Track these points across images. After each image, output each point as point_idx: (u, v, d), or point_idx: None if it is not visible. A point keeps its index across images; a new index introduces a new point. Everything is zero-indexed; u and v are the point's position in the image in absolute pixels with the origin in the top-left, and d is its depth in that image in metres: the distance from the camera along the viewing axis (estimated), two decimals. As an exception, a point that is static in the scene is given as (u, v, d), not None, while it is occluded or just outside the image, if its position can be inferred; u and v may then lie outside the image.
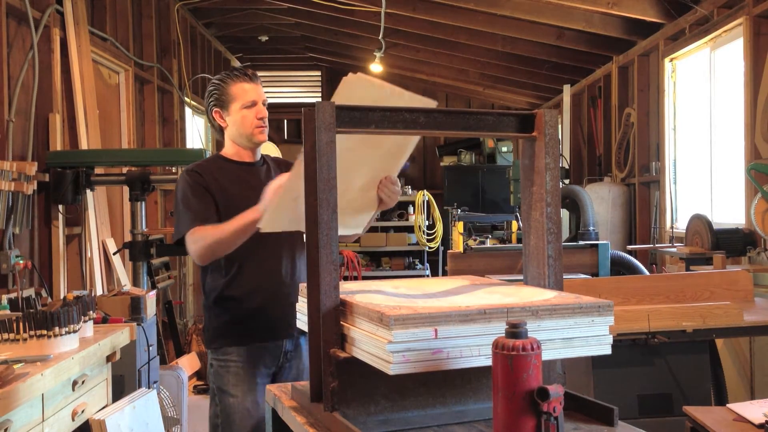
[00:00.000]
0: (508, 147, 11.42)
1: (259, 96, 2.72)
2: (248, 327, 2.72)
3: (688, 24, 6.36)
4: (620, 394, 3.22)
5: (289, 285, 2.74)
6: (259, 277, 2.71)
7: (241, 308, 2.72)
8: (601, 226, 7.49)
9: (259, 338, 2.73)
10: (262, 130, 2.74)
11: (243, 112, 2.70)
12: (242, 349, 2.73)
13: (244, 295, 2.72)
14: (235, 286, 2.72)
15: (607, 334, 1.72)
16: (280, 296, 2.72)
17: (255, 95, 2.71)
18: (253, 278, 2.71)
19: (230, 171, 2.75)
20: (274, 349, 2.75)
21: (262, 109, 2.73)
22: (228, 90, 2.71)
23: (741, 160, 5.42)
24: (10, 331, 2.74)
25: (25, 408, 2.51)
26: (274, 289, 2.72)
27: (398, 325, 1.56)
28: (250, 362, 2.73)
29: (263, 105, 2.74)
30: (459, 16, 7.81)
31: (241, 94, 2.70)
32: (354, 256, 9.38)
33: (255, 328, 2.73)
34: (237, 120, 2.72)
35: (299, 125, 12.30)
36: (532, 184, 1.98)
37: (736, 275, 3.89)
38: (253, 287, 2.71)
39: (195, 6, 8.43)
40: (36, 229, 4.61)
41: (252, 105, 2.70)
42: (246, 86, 2.71)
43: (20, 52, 4.53)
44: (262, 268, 2.71)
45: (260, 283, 2.71)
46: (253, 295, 2.71)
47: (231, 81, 2.72)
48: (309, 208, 1.82)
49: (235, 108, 2.71)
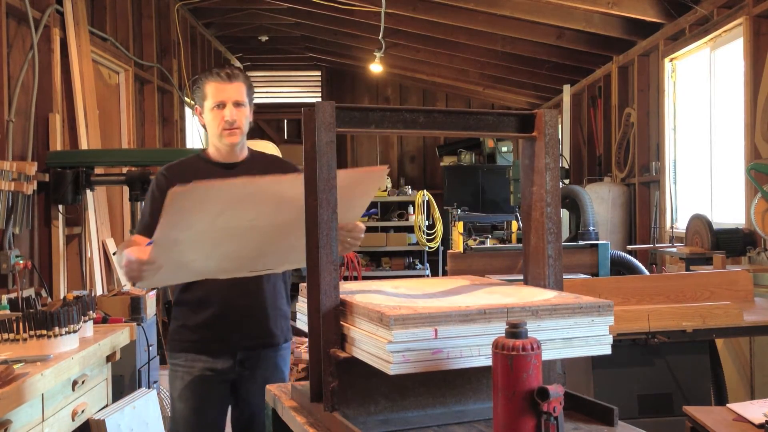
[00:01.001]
0: (508, 147, 11.42)
1: (230, 97, 2.60)
2: (198, 335, 2.66)
3: (688, 24, 6.36)
4: (620, 394, 3.22)
5: (252, 295, 2.65)
6: (214, 284, 2.56)
7: (192, 315, 2.66)
8: (601, 226, 7.48)
9: (207, 347, 2.66)
10: (230, 133, 2.62)
11: (213, 112, 2.62)
12: (191, 357, 2.67)
13: (197, 302, 2.65)
14: (190, 291, 2.65)
15: (607, 334, 1.72)
16: (237, 306, 2.63)
17: (225, 96, 2.60)
18: (209, 285, 2.58)
19: (204, 172, 2.61)
20: (226, 359, 2.67)
21: (231, 111, 2.60)
22: (203, 88, 2.64)
23: (741, 160, 5.42)
24: (10, 331, 2.74)
25: (25, 408, 2.51)
26: (231, 298, 2.62)
27: (398, 325, 1.56)
28: (197, 370, 2.66)
29: (236, 106, 2.61)
30: (459, 16, 7.81)
31: (211, 93, 2.61)
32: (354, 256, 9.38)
33: (204, 337, 2.65)
34: (208, 120, 2.64)
35: (299, 125, 12.30)
36: (532, 184, 1.98)
37: (736, 275, 3.89)
38: (207, 294, 2.62)
39: (195, 6, 8.43)
40: (36, 229, 4.61)
41: (220, 106, 2.60)
42: (218, 86, 2.60)
43: (20, 52, 4.53)
44: (230, 281, 2.56)
45: (215, 290, 2.60)
46: (205, 302, 2.63)
47: (206, 79, 2.64)
48: (309, 208, 1.82)
49: (207, 107, 2.63)
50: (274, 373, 2.72)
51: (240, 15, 9.33)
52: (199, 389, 2.67)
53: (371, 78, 12.28)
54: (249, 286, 2.62)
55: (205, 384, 2.67)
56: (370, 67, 10.64)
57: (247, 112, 2.66)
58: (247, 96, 2.65)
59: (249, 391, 2.71)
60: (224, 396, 2.72)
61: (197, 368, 2.67)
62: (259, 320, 2.68)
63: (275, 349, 2.74)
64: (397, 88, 12.79)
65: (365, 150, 12.74)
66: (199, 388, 2.67)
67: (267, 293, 2.68)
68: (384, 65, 10.57)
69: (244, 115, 2.64)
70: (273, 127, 12.64)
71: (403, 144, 12.78)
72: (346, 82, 12.76)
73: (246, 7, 9.07)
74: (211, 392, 2.68)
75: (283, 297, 2.75)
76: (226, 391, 2.72)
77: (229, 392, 2.72)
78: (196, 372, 2.67)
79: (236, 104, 2.61)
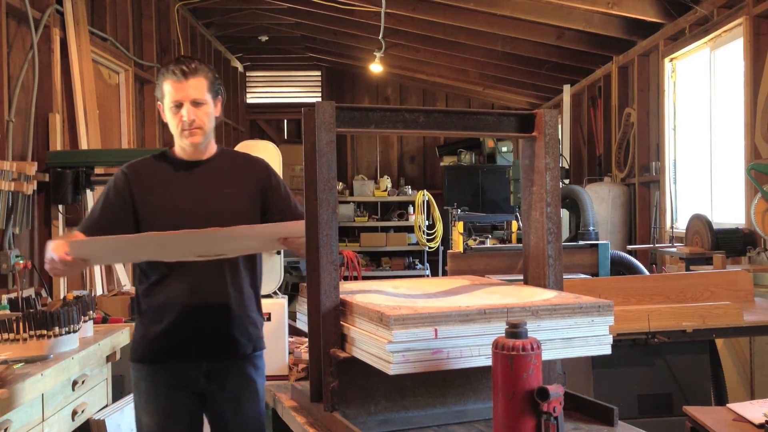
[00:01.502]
0: (508, 147, 11.42)
1: (187, 96, 2.40)
2: (157, 345, 2.47)
3: (688, 24, 6.36)
4: (620, 394, 3.22)
5: (215, 301, 2.47)
6: (175, 292, 2.44)
7: (152, 324, 2.48)
8: (601, 226, 7.48)
9: (168, 358, 2.48)
10: (190, 133, 2.43)
11: (171, 111, 2.44)
12: (153, 369, 2.49)
13: (157, 309, 2.46)
14: (151, 298, 2.48)
15: (606, 334, 1.73)
16: (198, 313, 2.45)
17: (181, 95, 2.40)
18: (170, 293, 2.44)
19: (166, 171, 2.50)
20: (190, 370, 2.48)
21: (189, 112, 2.41)
22: (161, 86, 2.45)
23: (741, 160, 5.42)
24: (10, 331, 2.74)
25: (25, 408, 2.51)
26: (193, 304, 2.44)
27: (398, 325, 1.56)
28: (160, 383, 2.48)
29: (195, 105, 2.42)
30: (459, 16, 7.81)
31: (168, 92, 2.43)
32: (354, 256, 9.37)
33: (164, 347, 2.47)
34: (168, 119, 2.47)
35: (299, 125, 12.30)
36: (532, 184, 1.98)
37: (736, 275, 3.89)
38: (168, 302, 2.45)
39: (195, 6, 8.43)
40: (36, 229, 4.60)
41: (178, 106, 2.42)
42: (174, 85, 2.41)
43: (20, 52, 4.53)
44: (181, 282, 2.44)
45: (177, 297, 2.44)
46: (166, 310, 2.45)
47: (162, 77, 2.45)
48: (309, 208, 1.82)
49: (165, 106, 2.46)
50: (245, 384, 2.53)
51: (240, 15, 9.33)
52: (164, 403, 2.49)
53: (371, 78, 12.28)
54: (212, 293, 2.46)
55: (170, 398, 2.49)
56: (370, 67, 10.63)
57: (209, 108, 2.46)
58: (208, 91, 2.45)
59: (221, 407, 2.53)
60: (194, 411, 2.53)
61: (161, 381, 2.49)
62: (223, 328, 2.49)
63: (244, 360, 2.53)
64: (397, 88, 12.79)
65: (365, 150, 12.74)
66: (164, 402, 2.49)
67: (232, 299, 2.49)
68: (384, 65, 10.57)
69: (204, 113, 2.44)
70: (273, 127, 12.65)
71: (403, 144, 12.78)
72: (346, 82, 12.75)
73: (246, 7, 9.07)
74: (176, 407, 2.50)
75: (252, 303, 2.56)
76: (195, 405, 2.52)
77: (199, 407, 2.53)
78: (160, 385, 2.49)
79: (194, 103, 2.42)
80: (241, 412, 2.53)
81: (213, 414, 2.56)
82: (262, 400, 2.59)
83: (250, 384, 2.54)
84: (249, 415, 2.54)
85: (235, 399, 2.52)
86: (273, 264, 3.35)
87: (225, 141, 9.92)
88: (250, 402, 2.55)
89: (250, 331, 2.54)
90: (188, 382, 2.49)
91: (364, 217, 11.79)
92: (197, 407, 2.53)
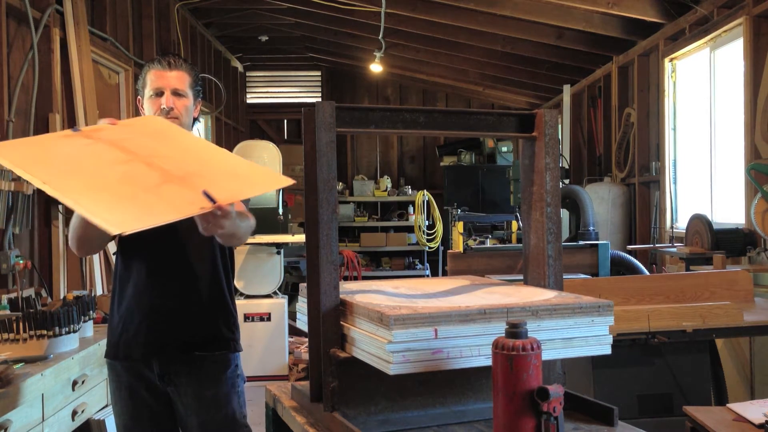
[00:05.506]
0: (508, 147, 11.42)
1: (169, 84, 2.43)
2: (115, 338, 2.42)
3: (688, 24, 6.36)
4: (620, 394, 3.22)
5: (171, 297, 2.39)
6: (138, 291, 2.38)
7: (111, 317, 2.45)
8: (601, 226, 7.48)
9: (125, 354, 2.40)
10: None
11: (151, 100, 2.44)
12: (117, 365, 2.42)
13: (121, 308, 2.42)
14: (117, 297, 2.44)
15: (607, 334, 1.73)
16: (160, 313, 2.37)
17: (163, 83, 2.43)
18: (134, 291, 2.39)
19: None
20: (144, 370, 2.40)
21: (168, 99, 2.41)
22: (145, 77, 2.48)
23: (741, 160, 5.42)
24: (10, 331, 2.74)
25: (25, 408, 2.51)
26: (152, 305, 2.37)
27: (398, 325, 1.56)
28: (123, 382, 2.41)
29: (175, 95, 2.43)
30: (459, 16, 7.81)
31: (151, 80, 2.45)
32: (354, 256, 9.38)
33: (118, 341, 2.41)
34: (147, 109, 2.47)
35: (299, 125, 12.30)
36: (532, 184, 1.98)
37: (736, 275, 3.89)
38: (122, 294, 2.41)
39: (195, 6, 8.43)
40: (36, 229, 4.60)
41: (159, 93, 2.43)
42: (157, 73, 2.44)
43: (20, 52, 4.53)
44: (145, 281, 2.38)
45: (139, 298, 2.38)
46: (129, 309, 2.39)
47: (147, 67, 2.49)
48: (309, 208, 1.82)
49: (146, 96, 2.47)
50: (204, 389, 2.39)
51: (240, 15, 9.33)
52: (129, 404, 2.42)
53: (371, 78, 12.28)
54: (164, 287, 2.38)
55: (133, 398, 2.41)
56: (370, 67, 10.63)
57: (189, 103, 2.47)
58: (190, 87, 2.48)
59: (180, 413, 2.42)
60: (160, 413, 2.42)
61: (123, 381, 2.42)
62: (175, 324, 2.38)
63: (202, 361, 2.39)
64: (397, 88, 12.79)
65: (365, 150, 12.74)
66: (128, 403, 2.42)
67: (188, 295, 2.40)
68: (384, 65, 10.57)
69: (183, 104, 2.45)
70: (273, 127, 12.65)
71: (403, 144, 12.78)
72: (346, 82, 12.75)
73: (246, 7, 9.07)
74: (140, 408, 2.41)
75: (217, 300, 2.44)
76: (162, 407, 2.42)
77: (168, 410, 2.43)
78: (123, 386, 2.42)
79: (175, 93, 2.44)
80: (202, 420, 2.38)
81: (179, 420, 2.44)
82: (233, 405, 2.43)
83: (210, 388, 2.39)
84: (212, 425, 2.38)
85: (194, 405, 2.39)
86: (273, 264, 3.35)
87: (225, 141, 9.92)
88: (211, 409, 2.39)
89: (210, 330, 2.41)
90: (148, 383, 2.40)
91: (364, 217, 11.80)
92: (165, 410, 2.42)
